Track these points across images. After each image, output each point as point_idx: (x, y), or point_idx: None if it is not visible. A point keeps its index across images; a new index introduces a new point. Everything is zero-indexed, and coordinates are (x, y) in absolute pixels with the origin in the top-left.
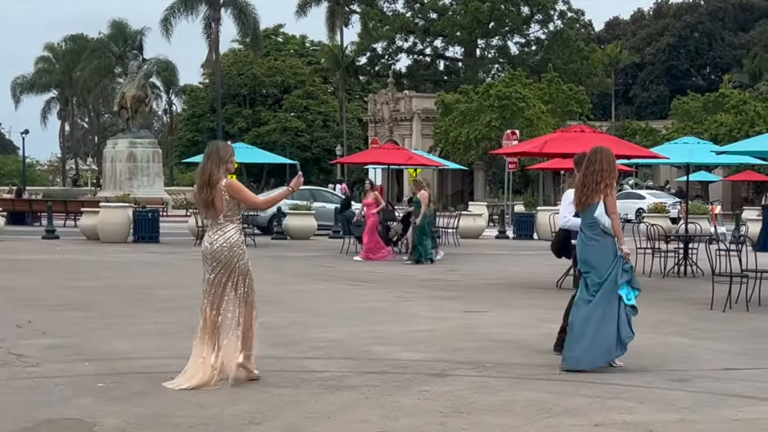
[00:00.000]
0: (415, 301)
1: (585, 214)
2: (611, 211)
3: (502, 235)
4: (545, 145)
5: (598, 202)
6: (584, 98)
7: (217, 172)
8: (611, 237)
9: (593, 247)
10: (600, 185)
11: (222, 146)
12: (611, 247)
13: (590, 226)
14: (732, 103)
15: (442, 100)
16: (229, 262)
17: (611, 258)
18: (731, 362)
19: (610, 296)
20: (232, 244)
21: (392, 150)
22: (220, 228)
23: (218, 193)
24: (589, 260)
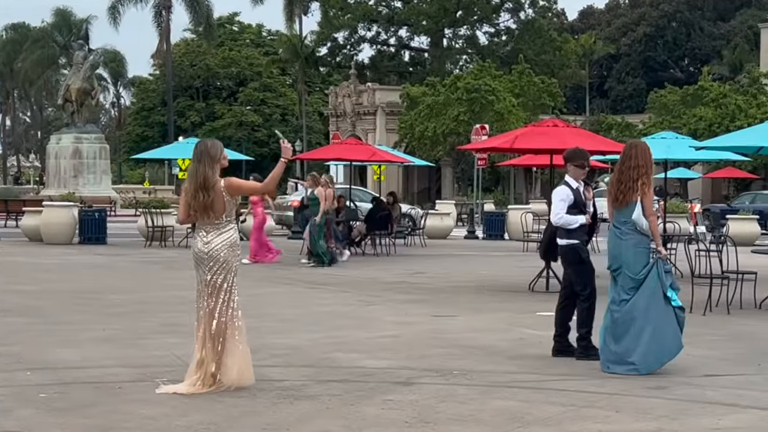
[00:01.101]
0: (379, 306)
1: (621, 213)
2: (649, 212)
3: (471, 235)
4: (516, 140)
5: (635, 202)
6: (557, 91)
7: (213, 175)
8: (645, 236)
9: (627, 242)
10: (637, 182)
11: (211, 145)
12: (645, 245)
13: (625, 224)
14: (711, 97)
15: (407, 93)
16: (227, 262)
17: (646, 256)
18: (711, 368)
19: (657, 296)
20: (231, 244)
21: (355, 145)
22: (217, 228)
23: (218, 195)
24: (622, 255)
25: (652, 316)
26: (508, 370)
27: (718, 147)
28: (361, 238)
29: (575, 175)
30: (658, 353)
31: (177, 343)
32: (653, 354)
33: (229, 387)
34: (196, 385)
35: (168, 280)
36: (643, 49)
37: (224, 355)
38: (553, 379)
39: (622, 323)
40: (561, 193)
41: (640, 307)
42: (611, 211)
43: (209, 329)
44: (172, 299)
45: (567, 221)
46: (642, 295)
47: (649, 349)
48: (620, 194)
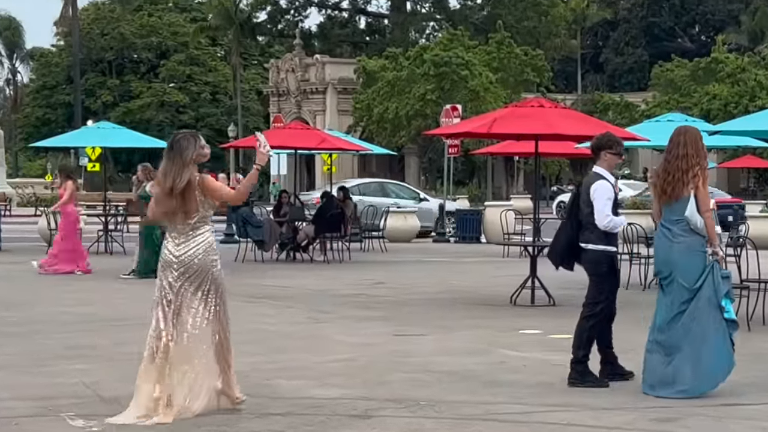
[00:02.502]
0: (332, 323)
1: (671, 210)
2: (704, 208)
3: (440, 238)
4: (494, 123)
5: (687, 197)
6: (543, 65)
7: (184, 177)
8: (700, 236)
9: (680, 245)
10: (687, 174)
11: (184, 144)
12: (700, 248)
13: (676, 223)
14: (727, 71)
15: (363, 67)
16: (202, 269)
17: (701, 260)
18: (730, 395)
19: (712, 306)
20: (206, 249)
21: (300, 131)
22: (191, 230)
23: (190, 193)
24: (673, 261)
25: (707, 331)
26: (484, 400)
27: (736, 131)
28: (308, 242)
29: (610, 166)
30: (713, 373)
31: (85, 370)
32: (707, 374)
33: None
34: (138, 410)
35: (73, 293)
36: (645, 14)
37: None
38: (540, 410)
39: (675, 339)
40: (606, 189)
41: (695, 320)
42: (657, 209)
43: (161, 346)
44: (78, 317)
45: (615, 224)
46: (697, 307)
47: (703, 369)
48: (668, 186)
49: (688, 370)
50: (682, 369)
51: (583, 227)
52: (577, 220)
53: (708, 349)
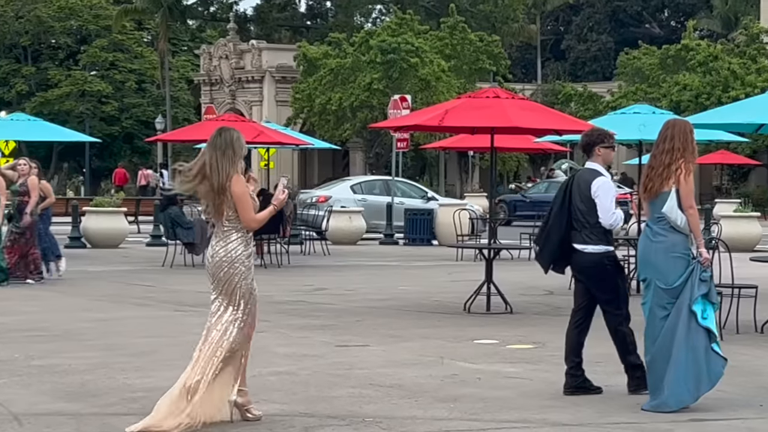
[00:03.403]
0: (268, 333)
1: (653, 206)
2: (687, 204)
3: (388, 240)
4: (446, 115)
5: (668, 192)
6: (500, 52)
7: (233, 173)
8: (683, 234)
9: (659, 245)
10: (670, 168)
11: (236, 137)
12: (683, 248)
13: (658, 221)
14: (699, 59)
15: (303, 54)
16: (229, 282)
17: (684, 261)
18: (701, 410)
19: (692, 314)
20: (233, 259)
21: (235, 123)
22: (222, 236)
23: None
24: (655, 262)
25: (686, 337)
26: (436, 416)
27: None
28: None
29: (606, 161)
30: (695, 383)
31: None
32: (688, 385)
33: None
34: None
35: None
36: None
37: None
38: (496, 427)
39: (658, 349)
40: (609, 186)
41: (675, 328)
42: (645, 208)
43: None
44: None
45: (618, 220)
46: (676, 314)
47: (684, 379)
48: (649, 182)
49: (669, 380)
50: (665, 381)
51: (579, 227)
52: (569, 219)
53: (688, 358)
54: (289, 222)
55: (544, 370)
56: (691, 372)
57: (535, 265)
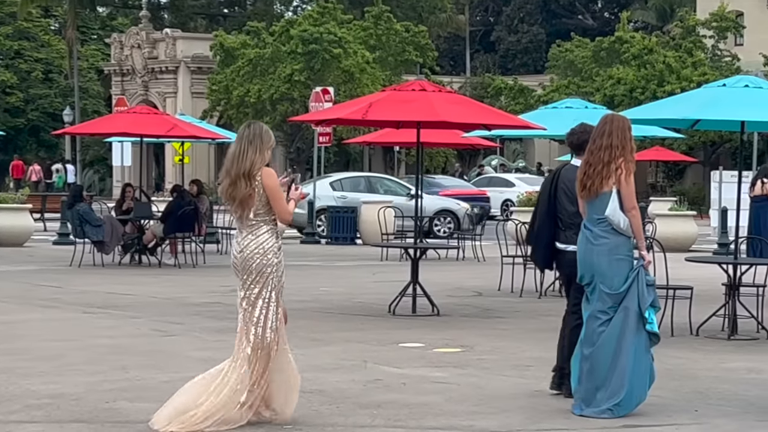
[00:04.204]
0: (182, 336)
1: (592, 207)
2: (629, 206)
3: (309, 238)
4: (371, 109)
5: (609, 192)
6: (427, 43)
7: (260, 163)
8: (625, 236)
9: (602, 247)
10: (610, 166)
11: (265, 130)
12: (626, 250)
13: (598, 223)
14: (633, 52)
15: (220, 44)
16: (262, 272)
17: (626, 264)
18: (633, 416)
19: (636, 319)
20: (266, 250)
21: (147, 115)
22: (251, 230)
23: (255, 186)
24: (598, 265)
25: (630, 344)
26: (359, 423)
27: (643, 120)
28: (156, 243)
29: None
30: (638, 391)
31: None
32: (632, 393)
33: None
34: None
35: None
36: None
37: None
38: None
39: (598, 354)
40: None
41: (619, 333)
42: (582, 207)
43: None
44: None
45: None
46: (621, 318)
47: (629, 387)
48: (588, 180)
49: (615, 387)
50: (607, 386)
51: (565, 227)
52: (555, 217)
53: (633, 365)
54: (204, 220)
55: (471, 374)
56: (637, 379)
57: (463, 266)
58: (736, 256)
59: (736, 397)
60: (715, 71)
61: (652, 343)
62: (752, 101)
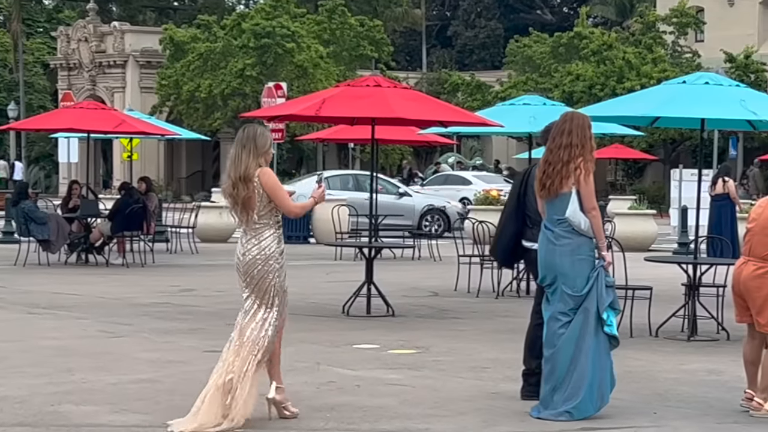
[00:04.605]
0: (130, 337)
1: (552, 207)
2: (589, 206)
3: None
4: (324, 105)
5: (568, 193)
6: (382, 38)
7: (255, 166)
8: (586, 237)
9: (564, 248)
10: (569, 166)
11: (260, 133)
12: (588, 250)
13: (559, 223)
14: (592, 48)
15: (170, 38)
16: (263, 279)
17: (587, 265)
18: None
19: (596, 321)
20: (267, 256)
21: (94, 111)
22: (255, 234)
23: (253, 188)
24: (561, 266)
25: (589, 347)
26: (312, 427)
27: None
28: (104, 241)
29: None
30: (598, 395)
31: None
32: (592, 396)
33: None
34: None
35: None
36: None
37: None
38: None
39: (558, 356)
40: None
41: (579, 335)
42: (540, 206)
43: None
44: None
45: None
46: (581, 320)
47: (588, 390)
48: (547, 180)
49: (573, 390)
50: (566, 389)
51: (533, 225)
52: (523, 214)
53: (593, 368)
54: (153, 218)
55: (427, 376)
56: (596, 382)
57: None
58: (696, 255)
59: (695, 399)
60: (676, 68)
61: (612, 346)
62: (712, 98)
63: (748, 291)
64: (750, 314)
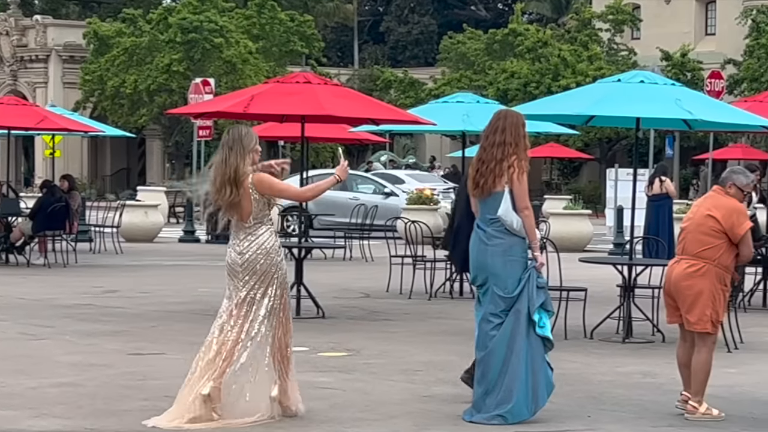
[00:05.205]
0: (51, 339)
1: (485, 206)
2: (522, 205)
3: (189, 237)
4: (253, 102)
5: (501, 192)
6: (313, 33)
7: (243, 166)
8: (519, 237)
9: (496, 248)
10: (503, 164)
11: (245, 133)
12: (520, 251)
13: (491, 223)
14: (527, 45)
15: (94, 32)
16: (267, 273)
17: (519, 266)
18: (525, 423)
19: (528, 322)
20: (268, 250)
21: (15, 107)
22: (249, 233)
23: (246, 192)
24: (492, 266)
25: (521, 349)
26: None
27: (536, 115)
28: (24, 241)
29: None
30: (532, 398)
31: None
32: (526, 399)
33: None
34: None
35: None
36: None
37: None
38: None
39: (489, 357)
40: None
41: (511, 337)
42: (474, 205)
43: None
44: None
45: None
46: (513, 321)
47: (522, 393)
48: (480, 179)
49: (505, 393)
50: (497, 392)
51: None
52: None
53: (526, 370)
54: (76, 217)
55: (358, 379)
56: (530, 385)
57: (350, 266)
58: (632, 256)
59: (630, 402)
60: (612, 66)
61: (547, 349)
62: (647, 97)
63: (678, 290)
64: (680, 314)
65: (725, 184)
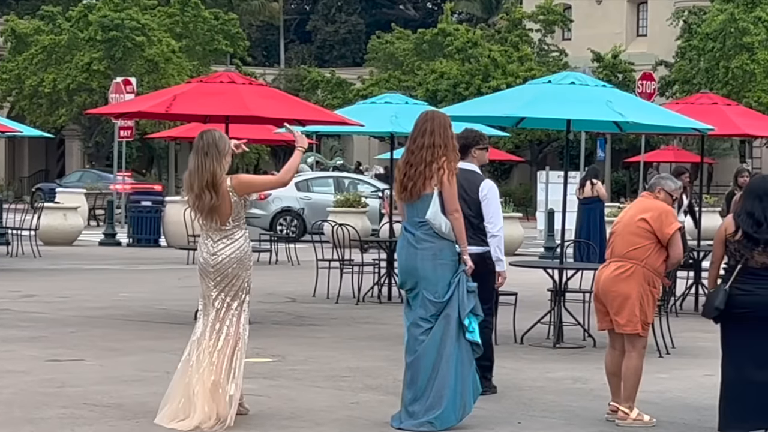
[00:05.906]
0: None
1: (412, 208)
2: (451, 208)
3: (109, 240)
4: (175, 102)
5: (430, 195)
6: (238, 32)
7: (220, 171)
8: (448, 240)
9: (425, 252)
10: (432, 166)
11: (218, 137)
12: (450, 254)
13: (420, 226)
14: (457, 45)
15: (11, 29)
16: (237, 278)
17: (449, 270)
18: (454, 428)
19: (458, 327)
20: (241, 257)
21: None
22: (225, 236)
23: (225, 195)
24: (422, 270)
25: (451, 354)
26: None
27: (466, 116)
28: None
29: (481, 162)
30: (460, 404)
31: None
32: (454, 405)
33: None
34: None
35: None
36: None
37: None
38: None
39: (419, 363)
40: (497, 190)
41: (440, 341)
42: (401, 209)
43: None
44: None
45: None
46: (442, 326)
47: (451, 399)
48: (408, 182)
49: (434, 398)
50: (426, 397)
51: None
52: None
53: (455, 375)
54: None
55: (283, 386)
56: (458, 391)
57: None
58: (562, 260)
59: (560, 408)
60: (542, 66)
61: (475, 353)
62: (578, 99)
63: (606, 293)
64: (610, 319)
65: (654, 190)
